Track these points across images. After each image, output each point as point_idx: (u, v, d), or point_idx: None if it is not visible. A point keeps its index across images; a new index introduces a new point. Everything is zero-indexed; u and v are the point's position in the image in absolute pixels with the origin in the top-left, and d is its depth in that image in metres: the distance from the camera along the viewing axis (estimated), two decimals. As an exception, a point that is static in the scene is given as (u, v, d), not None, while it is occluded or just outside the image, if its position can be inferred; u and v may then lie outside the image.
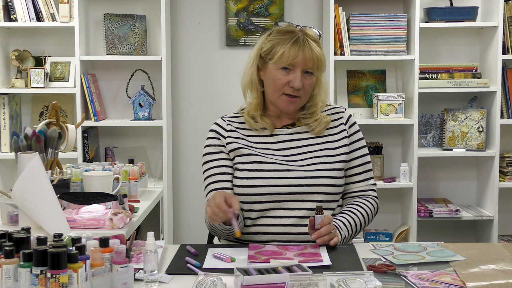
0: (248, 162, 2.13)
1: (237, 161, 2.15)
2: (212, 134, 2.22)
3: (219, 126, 2.22)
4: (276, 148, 2.17)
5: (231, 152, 2.17)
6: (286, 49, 2.08)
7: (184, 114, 4.09)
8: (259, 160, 2.12)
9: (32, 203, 1.99)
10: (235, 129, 2.21)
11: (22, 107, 4.00)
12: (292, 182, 2.09)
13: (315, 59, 2.10)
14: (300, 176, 2.10)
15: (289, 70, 2.10)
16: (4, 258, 1.48)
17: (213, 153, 2.19)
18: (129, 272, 1.55)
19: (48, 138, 2.44)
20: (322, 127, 2.18)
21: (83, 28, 3.82)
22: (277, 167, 2.11)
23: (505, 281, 1.65)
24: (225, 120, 2.24)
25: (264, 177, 2.09)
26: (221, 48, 4.06)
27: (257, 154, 2.14)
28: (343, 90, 3.97)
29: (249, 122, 2.20)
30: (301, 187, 2.09)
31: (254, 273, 1.58)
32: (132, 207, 2.35)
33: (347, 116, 2.24)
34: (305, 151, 2.16)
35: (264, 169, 2.11)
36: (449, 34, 3.97)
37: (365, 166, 2.22)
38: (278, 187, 2.08)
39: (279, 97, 2.14)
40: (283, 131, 2.20)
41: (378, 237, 3.84)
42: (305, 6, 4.04)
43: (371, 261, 1.85)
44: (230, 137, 2.18)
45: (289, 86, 2.10)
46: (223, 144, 2.18)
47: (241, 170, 2.13)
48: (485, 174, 3.89)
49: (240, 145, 2.16)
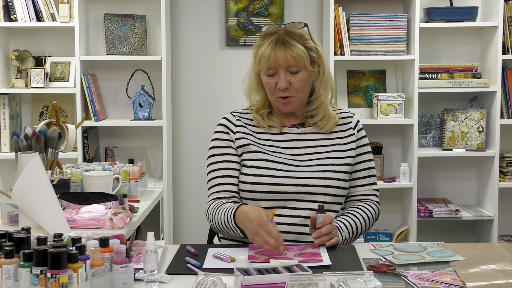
0: (256, 159, 2.13)
1: (245, 158, 2.15)
2: (221, 128, 2.22)
3: (229, 121, 2.22)
4: (284, 146, 2.17)
5: (239, 148, 2.17)
6: (262, 53, 2.10)
7: (184, 114, 4.09)
8: (267, 158, 2.13)
9: (32, 203, 1.99)
10: (245, 124, 2.21)
11: (22, 107, 4.00)
12: (298, 181, 2.09)
13: (290, 58, 2.08)
14: (307, 176, 2.10)
15: (273, 73, 2.11)
16: (4, 258, 1.48)
17: (221, 147, 2.19)
18: (129, 272, 1.55)
19: (48, 138, 2.44)
20: (331, 126, 2.19)
21: (83, 28, 3.82)
22: (284, 167, 2.11)
23: (505, 281, 1.65)
24: (234, 115, 2.24)
25: (271, 175, 2.10)
26: (221, 48, 4.06)
27: (265, 152, 2.14)
28: (343, 90, 3.97)
29: (258, 119, 2.20)
30: (306, 187, 2.09)
31: (254, 273, 1.58)
32: (132, 207, 2.35)
33: (355, 121, 2.25)
34: (313, 151, 2.16)
35: (271, 168, 2.11)
36: (449, 34, 3.97)
37: (370, 171, 2.23)
38: (284, 186, 2.09)
39: (275, 100, 2.16)
40: (292, 130, 2.20)
41: (378, 237, 3.84)
42: (305, 6, 4.04)
43: (371, 261, 1.85)
44: (240, 133, 2.19)
45: (277, 88, 2.12)
46: (232, 139, 2.19)
47: (249, 166, 2.13)
48: (485, 174, 3.89)
49: (249, 141, 2.17)
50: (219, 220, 2.06)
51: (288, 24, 2.15)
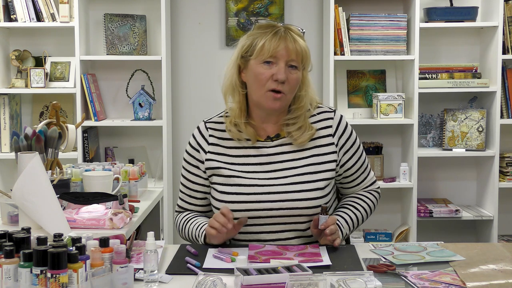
0: (228, 184, 2.04)
1: (215, 181, 2.07)
2: (193, 143, 2.13)
3: (202, 137, 2.12)
4: (258, 162, 2.06)
5: (208, 170, 2.09)
6: (267, 40, 1.98)
7: (184, 114, 4.09)
8: (239, 183, 2.03)
9: (32, 203, 1.99)
10: (217, 141, 2.10)
11: (22, 107, 4.00)
12: (272, 206, 2.01)
13: (298, 50, 1.99)
14: (281, 199, 2.01)
15: (272, 63, 1.99)
16: (4, 258, 1.48)
17: (190, 166, 2.13)
18: (129, 272, 1.55)
19: (48, 138, 2.44)
20: (306, 138, 2.05)
21: (83, 28, 3.82)
22: (258, 190, 2.02)
23: (505, 281, 1.65)
24: (208, 128, 2.13)
25: (243, 200, 2.02)
26: (221, 48, 4.06)
27: (237, 176, 2.04)
28: (343, 90, 3.97)
29: (232, 131, 2.08)
30: (282, 210, 2.01)
31: (254, 273, 1.58)
32: (132, 207, 2.35)
33: (336, 125, 2.10)
34: (288, 166, 2.05)
35: (244, 192, 2.02)
36: (449, 34, 3.97)
37: (363, 168, 2.17)
38: (258, 211, 2.01)
39: (264, 95, 2.00)
40: (267, 144, 2.08)
41: (378, 237, 3.84)
42: (305, 6, 4.03)
43: (371, 261, 1.85)
44: (211, 153, 2.09)
45: (273, 80, 1.98)
46: (202, 159, 2.10)
47: (220, 191, 2.06)
48: (485, 174, 3.89)
49: (221, 163, 2.07)
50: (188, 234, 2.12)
51: (286, 24, 2.08)
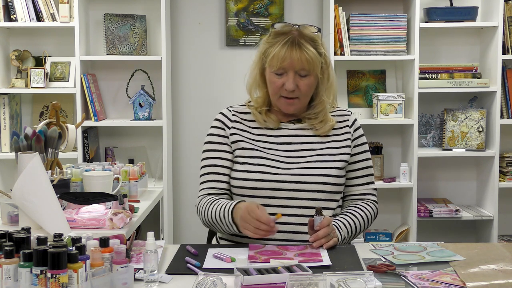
0: (250, 157, 2.14)
1: (238, 154, 2.16)
2: (217, 124, 2.24)
3: (225, 116, 2.24)
4: (279, 142, 2.18)
5: (233, 144, 2.18)
6: (276, 52, 2.09)
7: (184, 114, 4.09)
8: (260, 155, 2.13)
9: (32, 203, 1.99)
10: (240, 120, 2.23)
11: (22, 107, 4.00)
12: (291, 178, 2.09)
13: (304, 61, 2.09)
14: (300, 173, 2.10)
15: (282, 73, 2.11)
16: (4, 258, 1.48)
17: (216, 143, 2.20)
18: (129, 272, 1.55)
19: (48, 138, 2.44)
20: (327, 129, 2.19)
21: (83, 28, 3.82)
22: (278, 164, 2.12)
23: (505, 281, 1.65)
24: (231, 110, 2.25)
25: (264, 171, 2.10)
26: (221, 48, 4.06)
27: (258, 149, 2.15)
28: (343, 90, 3.97)
29: (255, 115, 2.21)
30: (300, 184, 2.09)
31: (254, 273, 1.58)
32: (132, 207, 2.35)
33: (352, 120, 2.26)
34: (308, 148, 2.17)
35: (265, 164, 2.11)
36: (449, 34, 3.97)
37: (367, 170, 2.24)
38: (278, 183, 2.08)
39: (278, 100, 2.17)
40: (288, 126, 2.21)
41: (378, 237, 3.84)
42: (305, 6, 4.03)
43: (371, 261, 1.85)
44: (234, 128, 2.20)
45: (284, 88, 2.12)
46: (227, 135, 2.20)
47: (242, 163, 2.14)
48: (485, 174, 3.89)
49: (243, 137, 2.18)
50: (213, 215, 2.07)
51: (302, 25, 2.15)
